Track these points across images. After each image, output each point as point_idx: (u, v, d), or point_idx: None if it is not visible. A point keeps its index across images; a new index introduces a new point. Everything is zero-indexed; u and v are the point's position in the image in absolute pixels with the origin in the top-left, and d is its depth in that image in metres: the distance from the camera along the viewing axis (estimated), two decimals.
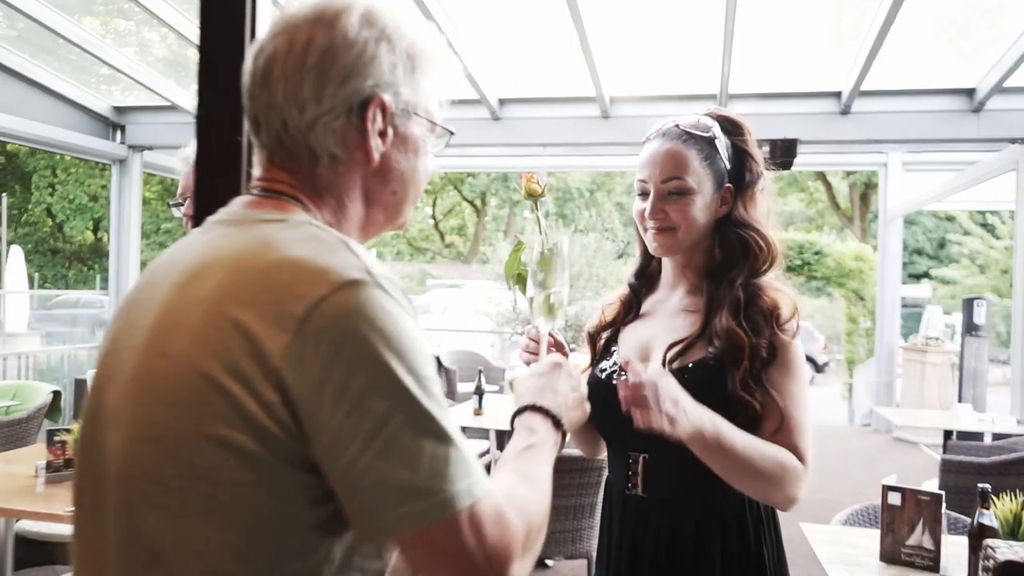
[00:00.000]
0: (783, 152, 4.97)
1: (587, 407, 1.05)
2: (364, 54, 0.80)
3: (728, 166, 1.37)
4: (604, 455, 1.51)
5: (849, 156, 7.87)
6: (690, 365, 1.31)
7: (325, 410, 0.68)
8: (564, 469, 3.53)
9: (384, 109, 0.82)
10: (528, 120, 5.70)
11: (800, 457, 1.25)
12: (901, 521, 2.22)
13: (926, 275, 19.83)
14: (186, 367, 0.70)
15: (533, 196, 1.23)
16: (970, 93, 5.11)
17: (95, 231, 19.54)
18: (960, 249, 16.97)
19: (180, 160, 1.85)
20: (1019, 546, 1.17)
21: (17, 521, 3.16)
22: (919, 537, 2.20)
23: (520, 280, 1.22)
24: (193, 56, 5.40)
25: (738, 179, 1.39)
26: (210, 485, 0.69)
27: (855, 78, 4.91)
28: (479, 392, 4.52)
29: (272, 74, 0.80)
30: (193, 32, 4.91)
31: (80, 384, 5.45)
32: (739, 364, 1.27)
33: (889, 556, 2.21)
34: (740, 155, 1.39)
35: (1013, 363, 5.49)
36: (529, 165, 11.14)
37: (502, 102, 5.69)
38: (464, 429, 4.19)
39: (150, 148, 6.45)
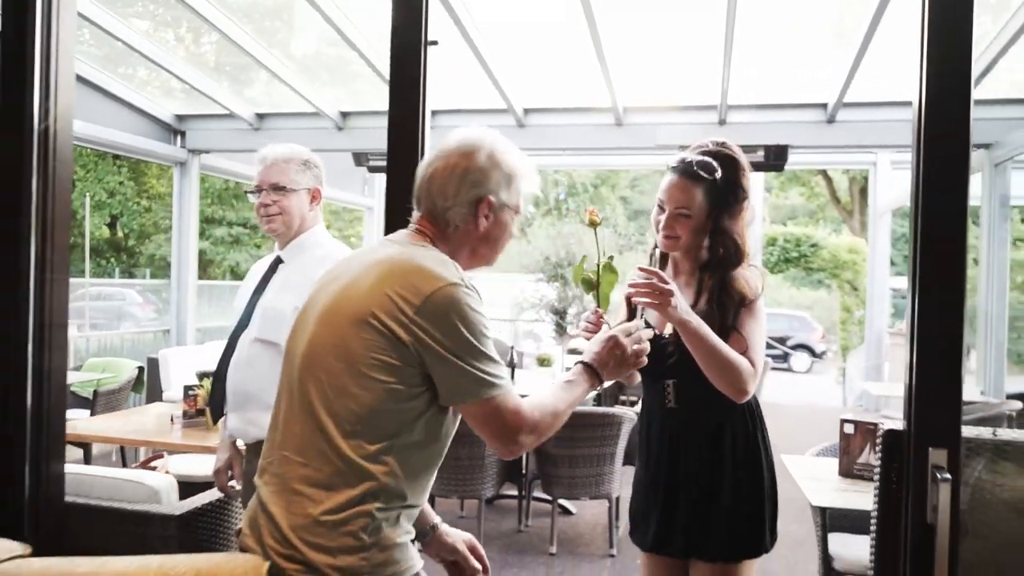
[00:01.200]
0: (775, 156, 5.67)
1: (640, 363, 1.60)
2: (484, 173, 1.47)
3: (721, 193, 1.96)
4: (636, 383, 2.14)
5: (843, 155, 8.49)
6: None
7: (431, 345, 1.32)
8: (589, 424, 4.22)
9: (490, 205, 1.48)
10: (550, 127, 6.40)
11: (753, 365, 1.89)
12: (854, 445, 2.93)
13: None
14: (360, 306, 1.35)
15: (594, 224, 1.79)
16: None
17: (111, 226, 20.08)
18: None
19: (258, 159, 2.36)
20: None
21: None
22: (867, 456, 2.90)
23: (585, 282, 1.76)
24: (243, 62, 6.07)
25: (727, 200, 1.97)
26: (361, 364, 1.32)
27: (839, 91, 5.60)
28: (511, 366, 5.27)
29: (434, 180, 1.48)
30: (245, 39, 5.55)
31: (152, 362, 6.14)
32: (715, 327, 1.91)
33: (845, 472, 2.92)
34: (731, 185, 1.97)
35: (979, 344, 6.18)
36: (551, 164, 11.85)
37: (527, 111, 6.39)
38: None
39: (207, 151, 7.15)
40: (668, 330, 1.98)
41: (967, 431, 1.69)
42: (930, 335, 1.60)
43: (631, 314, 1.94)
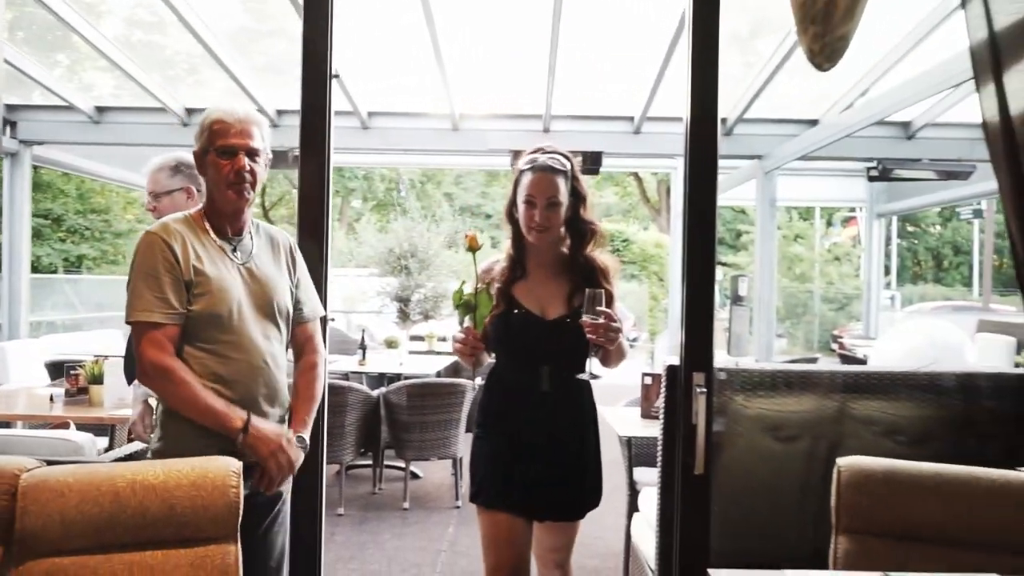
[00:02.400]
0: (592, 161, 6.56)
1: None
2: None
3: (572, 185, 2.25)
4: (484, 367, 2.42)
5: (651, 160, 9.58)
6: (577, 307, 2.22)
7: None
8: (437, 392, 4.83)
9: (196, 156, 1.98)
10: (392, 130, 6.93)
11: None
12: (651, 392, 3.74)
13: (721, 261, 22.77)
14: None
15: (473, 249, 2.14)
16: (724, 121, 6.90)
17: None
18: (749, 237, 19.73)
19: (148, 170, 2.71)
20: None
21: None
22: (661, 402, 3.73)
23: (462, 306, 2.15)
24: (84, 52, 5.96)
25: (578, 192, 2.26)
26: None
27: (643, 107, 6.56)
28: (363, 347, 5.77)
29: None
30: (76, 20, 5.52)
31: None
32: (610, 303, 2.21)
33: (645, 414, 3.73)
34: (576, 179, 2.27)
35: (755, 321, 7.41)
36: (390, 162, 12.29)
37: (371, 114, 6.88)
38: (351, 374, 5.45)
39: (40, 143, 7.01)
40: (551, 315, 2.25)
41: (721, 365, 2.47)
42: (694, 297, 2.33)
43: (500, 301, 2.27)
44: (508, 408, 2.29)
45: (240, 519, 1.75)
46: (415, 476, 5.51)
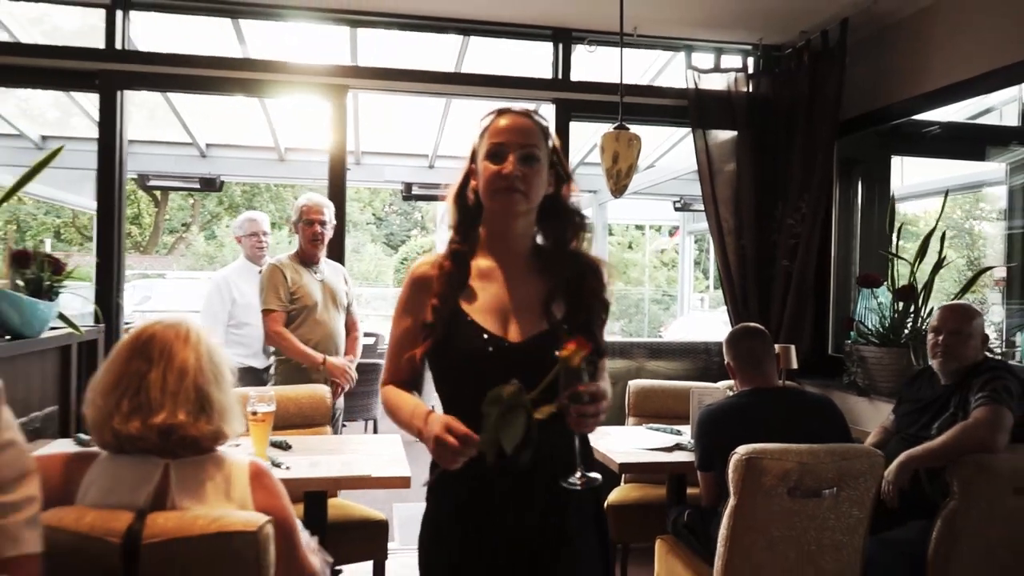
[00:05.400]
0: None
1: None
2: None
3: (552, 159, 1.57)
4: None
5: None
6: (559, 320, 1.51)
7: None
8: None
9: None
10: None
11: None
12: None
13: None
14: None
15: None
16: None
17: None
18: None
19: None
20: None
21: None
22: None
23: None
24: None
25: (559, 170, 1.59)
26: None
27: None
28: None
29: None
30: None
31: None
32: (597, 314, 1.57)
33: None
34: (557, 152, 1.59)
35: None
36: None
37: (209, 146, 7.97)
38: None
39: None
40: (517, 336, 1.51)
41: None
42: None
43: (439, 323, 1.53)
44: (465, 492, 1.50)
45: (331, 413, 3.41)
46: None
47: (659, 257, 22.72)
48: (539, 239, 1.63)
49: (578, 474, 1.37)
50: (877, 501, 2.39)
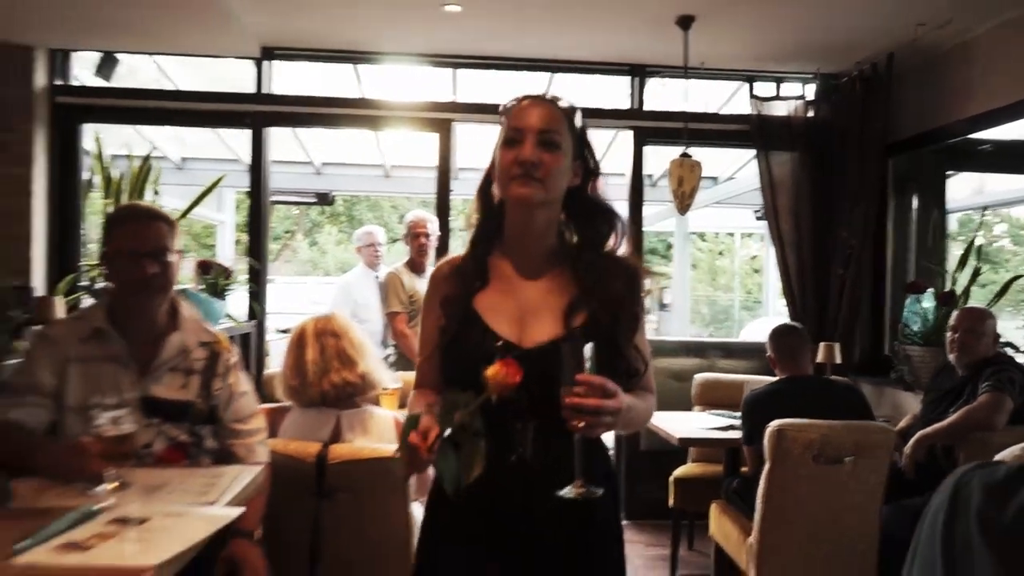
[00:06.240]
0: None
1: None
2: None
3: (580, 145, 1.47)
4: None
5: None
6: (581, 327, 1.38)
7: None
8: None
9: None
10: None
11: (652, 390, 1.49)
12: None
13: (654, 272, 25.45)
14: None
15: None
16: (651, 176, 9.38)
17: None
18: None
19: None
20: None
21: None
22: None
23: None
24: None
25: (588, 160, 1.48)
26: None
27: None
28: None
29: None
30: None
31: None
32: (627, 323, 1.41)
33: None
34: (586, 141, 1.48)
35: None
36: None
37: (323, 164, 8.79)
38: None
39: None
40: (531, 340, 1.41)
41: None
42: None
43: (452, 322, 1.46)
44: (468, 501, 1.27)
45: None
46: None
47: (750, 264, 22.76)
48: (567, 237, 1.52)
49: (575, 483, 1.25)
50: (893, 470, 2.86)
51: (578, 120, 1.47)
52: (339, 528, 2.20)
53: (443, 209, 4.68)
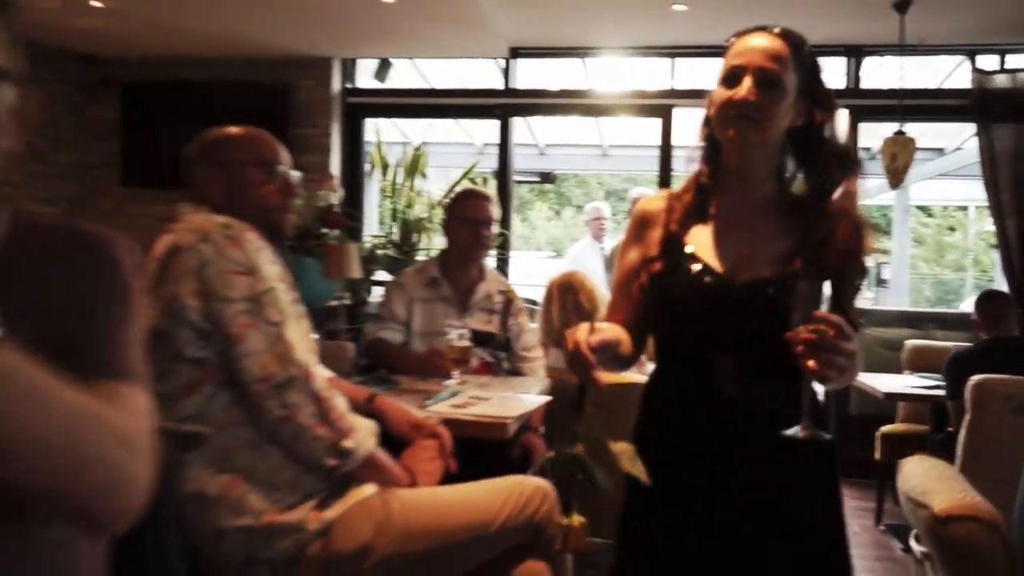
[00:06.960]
0: None
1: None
2: None
3: (809, 80, 1.38)
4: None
5: None
6: (794, 270, 1.31)
7: None
8: None
9: None
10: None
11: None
12: None
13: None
14: None
15: None
16: (868, 149, 9.24)
17: None
18: None
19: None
20: None
21: None
22: None
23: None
24: None
25: (819, 95, 1.39)
26: None
27: None
28: None
29: None
30: None
31: None
32: (852, 277, 1.34)
33: None
34: (815, 74, 1.39)
35: None
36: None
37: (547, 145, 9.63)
38: None
39: None
40: (744, 277, 1.35)
41: None
42: None
43: (660, 251, 1.44)
44: (667, 432, 1.39)
45: None
46: None
47: (985, 239, 20.95)
48: (790, 181, 1.45)
49: (803, 422, 1.19)
50: None
51: (807, 52, 1.38)
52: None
53: (665, 187, 5.21)
